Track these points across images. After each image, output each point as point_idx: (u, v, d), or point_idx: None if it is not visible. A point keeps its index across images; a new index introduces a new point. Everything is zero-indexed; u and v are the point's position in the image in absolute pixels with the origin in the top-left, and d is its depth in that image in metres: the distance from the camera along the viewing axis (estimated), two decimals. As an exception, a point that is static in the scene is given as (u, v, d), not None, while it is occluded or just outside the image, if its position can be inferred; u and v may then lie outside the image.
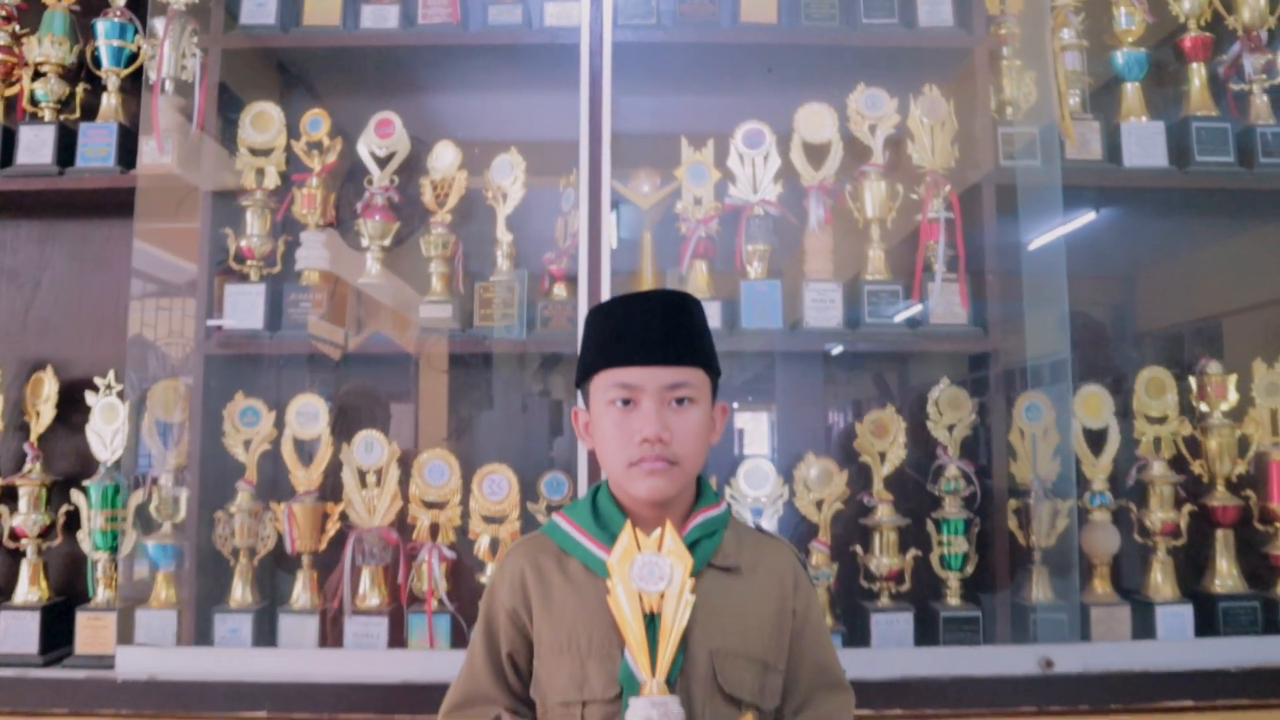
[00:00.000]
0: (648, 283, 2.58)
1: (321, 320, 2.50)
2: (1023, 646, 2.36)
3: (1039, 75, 2.56)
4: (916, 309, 2.53)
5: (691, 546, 1.53)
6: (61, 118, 2.58)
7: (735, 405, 2.81)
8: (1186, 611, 2.44)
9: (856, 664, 1.79)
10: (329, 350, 2.57)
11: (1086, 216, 2.80)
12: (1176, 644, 2.40)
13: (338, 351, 2.58)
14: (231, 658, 2.34)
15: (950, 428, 2.49)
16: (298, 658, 2.35)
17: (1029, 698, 2.27)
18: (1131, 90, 2.65)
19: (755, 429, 2.81)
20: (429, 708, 1.88)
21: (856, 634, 2.43)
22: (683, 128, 2.63)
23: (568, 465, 2.51)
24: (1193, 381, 2.57)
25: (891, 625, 2.40)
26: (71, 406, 2.54)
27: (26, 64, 2.60)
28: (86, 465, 2.53)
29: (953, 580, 2.47)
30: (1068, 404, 2.45)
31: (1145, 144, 2.57)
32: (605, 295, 2.32)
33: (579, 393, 1.66)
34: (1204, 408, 2.56)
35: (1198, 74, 2.67)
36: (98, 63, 2.60)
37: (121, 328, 2.53)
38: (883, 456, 2.48)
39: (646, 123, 2.62)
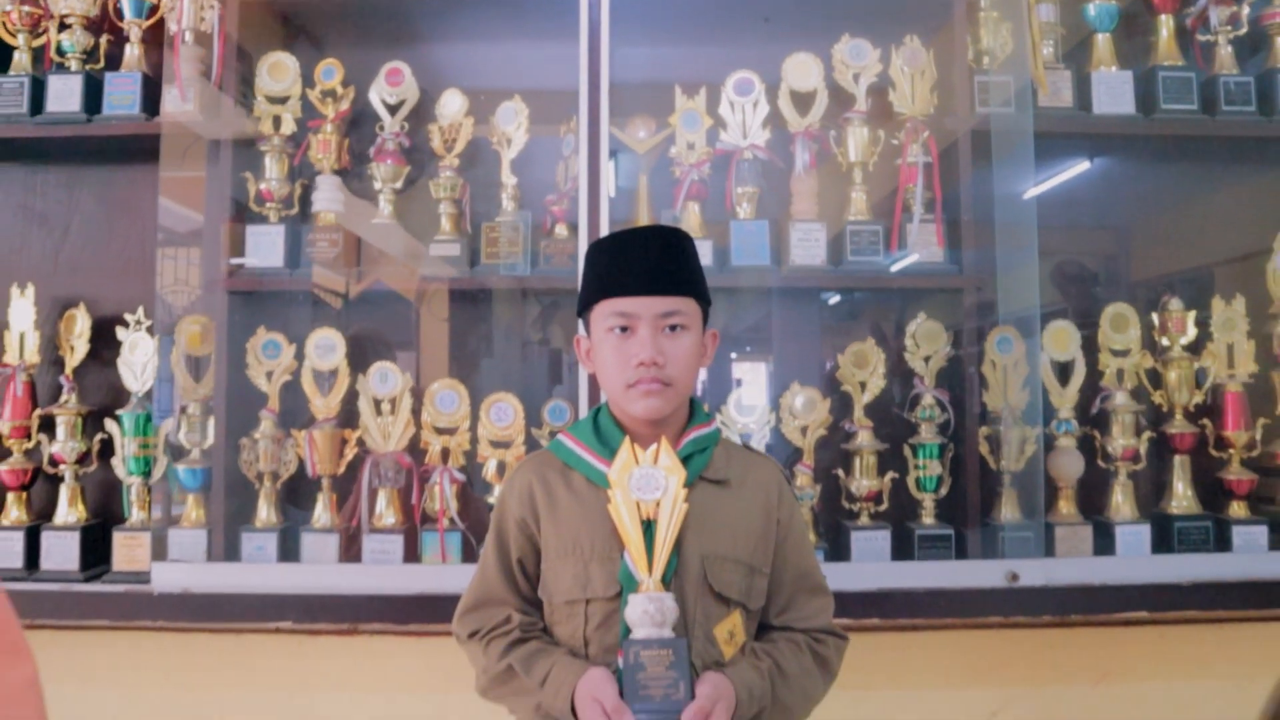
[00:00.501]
0: (644, 223, 2.63)
1: (336, 259, 2.57)
2: (991, 561, 2.44)
3: (1015, 27, 2.60)
4: (913, 258, 2.60)
5: (685, 461, 1.63)
6: (87, 68, 2.61)
7: (733, 355, 2.88)
8: (1144, 531, 2.52)
9: (837, 577, 1.88)
10: (330, 299, 2.65)
11: (1080, 166, 2.86)
12: (1134, 560, 2.48)
13: (338, 300, 2.66)
14: (258, 572, 2.42)
15: (926, 359, 2.56)
16: (320, 572, 2.43)
17: (996, 608, 2.36)
18: (1102, 41, 2.69)
19: (752, 379, 2.89)
20: (442, 617, 1.97)
21: (838, 550, 2.52)
22: (677, 76, 2.68)
23: (569, 393, 2.60)
24: (1155, 317, 2.62)
25: (870, 542, 2.48)
26: (102, 342, 2.60)
27: (52, 16, 2.63)
28: (118, 397, 2.60)
29: (927, 501, 2.56)
30: (1036, 339, 2.52)
31: (1114, 92, 2.61)
32: (603, 234, 2.38)
33: (580, 321, 1.75)
34: (1165, 342, 2.61)
35: (1166, 25, 2.70)
36: (120, 14, 2.64)
37: (148, 267, 2.57)
38: (863, 386, 2.56)
39: (643, 72, 2.67)
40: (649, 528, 1.58)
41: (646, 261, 1.64)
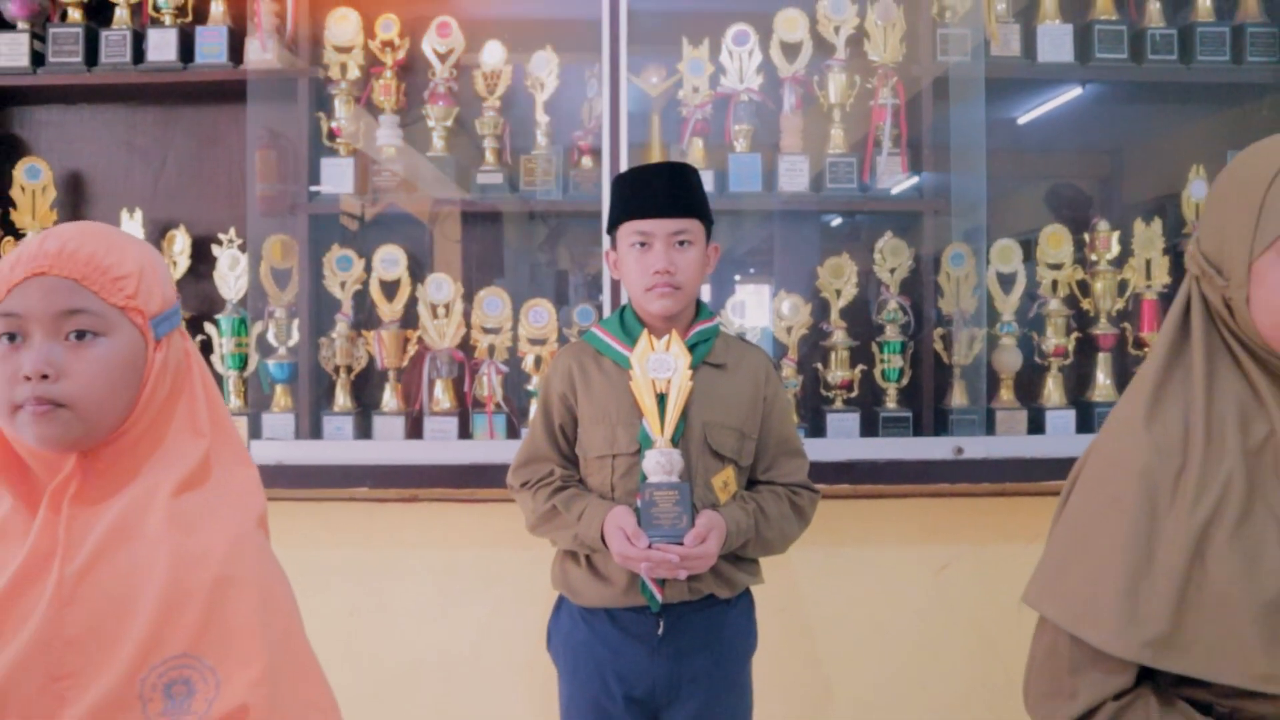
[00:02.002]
0: (656, 156, 2.77)
1: (397, 186, 2.74)
2: (942, 438, 2.61)
3: (973, -15, 2.71)
4: (906, 182, 2.74)
5: (691, 348, 1.86)
6: (179, 22, 2.75)
7: (736, 278, 2.99)
8: (1070, 415, 2.68)
9: (815, 450, 2.07)
10: (348, 223, 2.80)
11: (1066, 92, 2.93)
12: (1060, 438, 2.63)
13: (354, 223, 2.81)
14: (338, 448, 2.60)
15: (892, 270, 2.71)
16: (389, 447, 2.61)
17: (944, 477, 2.54)
18: (1049, -3, 2.78)
19: (751, 291, 2.99)
20: (490, 484, 2.22)
21: (816, 429, 2.68)
22: (687, 9, 2.81)
23: (587, 298, 2.80)
24: (1086, 236, 2.75)
25: (842, 422, 2.66)
26: (198, 259, 2.77)
27: (147, -25, 2.76)
28: (213, 305, 2.78)
29: (891, 389, 2.71)
30: (984, 254, 2.69)
31: (1056, 43, 2.71)
32: (623, 165, 2.53)
33: (609, 237, 1.98)
34: (1093, 257, 2.73)
35: (1105, -19, 2.78)
36: (206, -26, 2.75)
37: (236, 193, 2.75)
38: (839, 293, 2.72)
39: (658, 3, 2.77)
40: (662, 400, 1.81)
41: (660, 190, 1.86)
